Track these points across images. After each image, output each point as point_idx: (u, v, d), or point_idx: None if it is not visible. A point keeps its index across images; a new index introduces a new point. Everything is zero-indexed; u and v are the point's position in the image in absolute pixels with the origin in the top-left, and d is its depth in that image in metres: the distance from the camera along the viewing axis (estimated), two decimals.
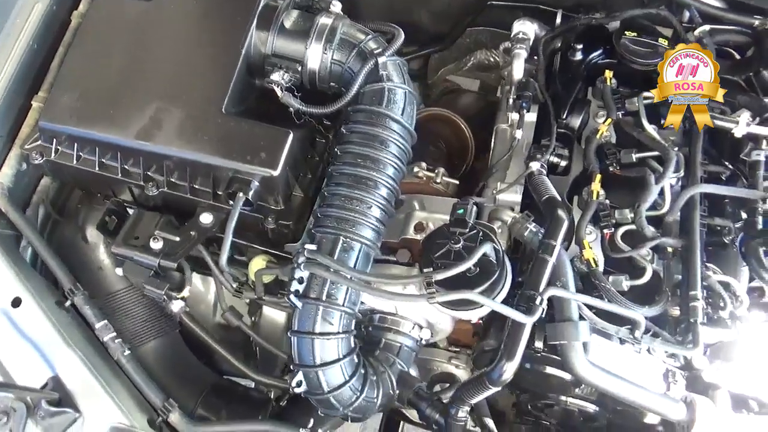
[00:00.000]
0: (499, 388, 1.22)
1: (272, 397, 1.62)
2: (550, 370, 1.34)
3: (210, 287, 1.72)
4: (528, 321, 1.17)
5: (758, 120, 1.47)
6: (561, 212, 1.31)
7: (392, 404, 1.39)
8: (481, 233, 1.26)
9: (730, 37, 1.68)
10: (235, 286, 1.44)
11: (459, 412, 1.28)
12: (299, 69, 1.40)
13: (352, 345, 1.28)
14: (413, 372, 1.57)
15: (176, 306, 1.42)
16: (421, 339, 1.47)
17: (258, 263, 1.43)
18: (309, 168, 1.48)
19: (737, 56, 1.70)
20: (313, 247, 1.25)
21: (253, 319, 1.64)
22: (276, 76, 1.37)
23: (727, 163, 1.53)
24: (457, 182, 1.64)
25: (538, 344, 1.31)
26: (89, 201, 1.58)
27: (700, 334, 1.26)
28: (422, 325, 1.47)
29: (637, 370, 1.32)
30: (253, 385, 1.66)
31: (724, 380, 1.36)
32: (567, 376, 1.35)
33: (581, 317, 1.28)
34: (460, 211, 1.29)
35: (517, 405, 1.73)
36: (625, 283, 1.39)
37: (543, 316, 1.21)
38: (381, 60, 1.36)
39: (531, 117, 1.61)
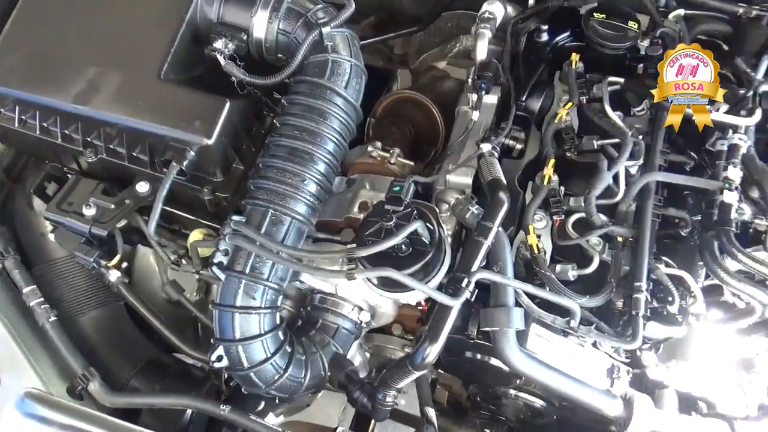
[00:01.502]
0: (423, 372, 1.17)
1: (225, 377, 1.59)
2: (470, 355, 1.29)
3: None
4: (452, 303, 1.12)
5: (727, 108, 1.40)
6: (501, 194, 1.25)
7: (323, 386, 1.35)
8: (415, 212, 1.21)
9: (713, 27, 1.60)
10: (173, 258, 1.41)
11: (385, 396, 1.24)
12: (245, 38, 1.37)
13: (277, 322, 1.24)
14: (358, 357, 1.53)
15: (113, 276, 1.40)
16: (361, 322, 1.42)
17: (195, 236, 1.40)
18: (253, 140, 1.45)
19: (725, 47, 1.62)
20: (240, 218, 1.21)
21: (197, 295, 1.61)
22: (219, 44, 1.34)
23: (693, 154, 1.46)
24: (413, 163, 1.59)
25: (473, 330, 1.26)
26: (38, 167, 1.56)
27: (640, 327, 1.20)
28: (362, 308, 1.42)
29: (578, 363, 1.26)
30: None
31: (672, 379, 1.29)
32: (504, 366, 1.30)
33: (519, 305, 1.23)
34: (396, 188, 1.24)
35: (471, 398, 1.69)
36: (572, 273, 1.32)
37: (472, 299, 1.16)
38: (326, 30, 1.31)
39: (491, 99, 1.55)
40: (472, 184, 1.44)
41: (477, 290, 1.17)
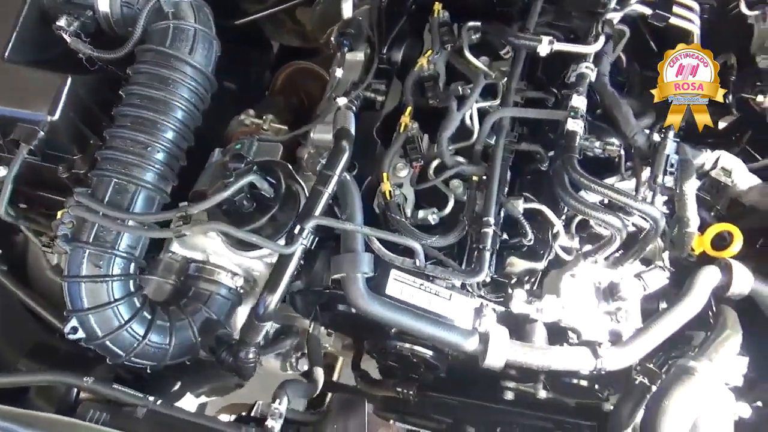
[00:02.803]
0: (269, 323, 1.17)
1: None
2: (342, 307, 1.29)
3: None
4: (285, 251, 1.12)
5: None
6: (343, 143, 1.25)
7: (196, 352, 1.35)
8: (253, 167, 1.21)
9: None
10: (44, 240, 1.42)
11: (247, 354, 1.24)
12: (91, 15, 1.37)
13: (132, 289, 1.24)
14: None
15: None
16: (237, 287, 1.42)
17: (60, 215, 1.40)
18: (110, 116, 1.45)
19: None
20: (82, 189, 1.21)
21: None
22: (62, 22, 1.33)
23: (554, 90, 1.45)
24: (287, 128, 1.59)
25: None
26: None
27: (485, 260, 1.20)
28: (237, 273, 1.42)
29: (440, 304, 1.26)
30: None
31: (535, 313, 1.29)
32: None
33: (370, 251, 1.23)
34: (238, 146, 1.24)
35: (373, 357, 1.69)
36: (432, 216, 1.33)
37: (311, 247, 1.16)
38: None
39: (357, 56, 1.55)
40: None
41: (317, 238, 1.17)
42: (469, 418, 1.81)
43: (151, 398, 1.20)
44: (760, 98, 1.52)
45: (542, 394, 1.51)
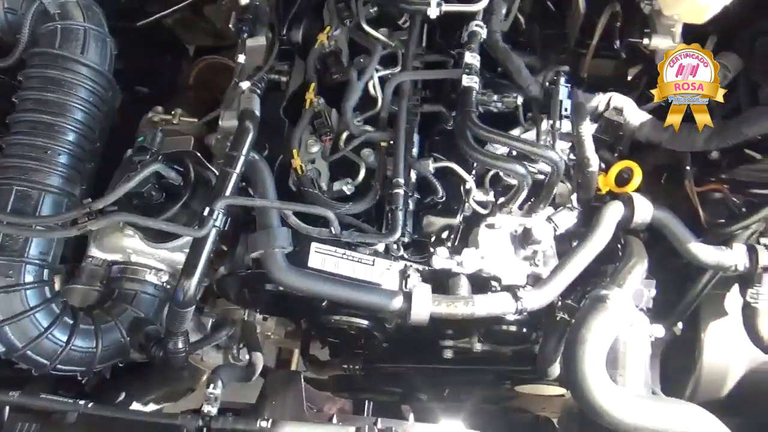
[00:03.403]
0: (190, 308, 1.17)
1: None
2: (269, 287, 1.31)
3: None
4: (196, 235, 1.12)
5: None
6: (246, 123, 1.26)
7: (127, 352, 1.34)
8: (159, 157, 1.20)
9: None
10: None
11: (175, 344, 1.24)
12: None
13: (48, 295, 1.22)
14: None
15: None
16: (164, 283, 1.42)
17: None
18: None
19: None
20: None
21: None
22: None
23: (453, 53, 1.50)
24: (197, 120, 1.58)
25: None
26: None
27: (398, 220, 1.24)
28: (160, 269, 1.41)
29: (364, 270, 1.29)
30: None
31: (456, 266, 1.33)
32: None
33: (286, 225, 1.25)
34: (141, 139, 1.23)
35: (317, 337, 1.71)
36: (347, 186, 1.35)
37: (224, 228, 1.17)
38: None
39: (258, 41, 1.55)
40: None
41: (228, 219, 1.18)
42: (419, 384, 1.86)
43: (82, 402, 1.18)
44: (646, 41, 1.61)
45: (478, 347, 1.57)
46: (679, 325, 1.59)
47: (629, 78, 1.73)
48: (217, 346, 1.64)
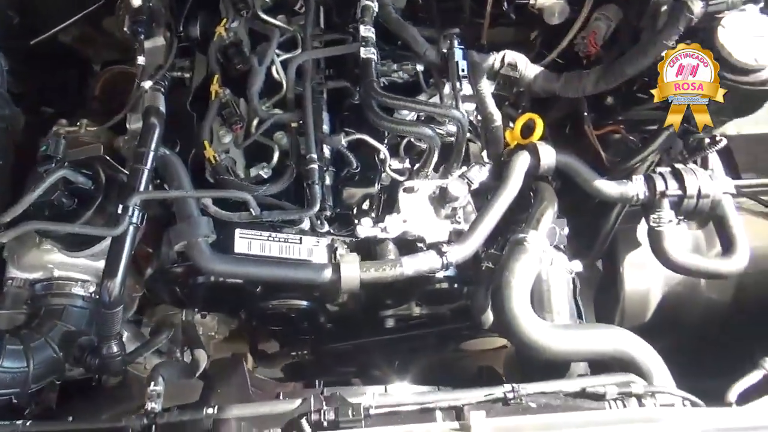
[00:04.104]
0: (118, 308, 1.16)
1: None
2: (201, 279, 1.31)
3: None
4: (112, 233, 1.12)
5: None
6: (152, 119, 1.26)
7: (61, 368, 1.31)
8: (65, 164, 1.19)
9: None
10: None
11: (109, 349, 1.23)
12: None
13: None
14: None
15: None
16: (91, 293, 1.39)
17: None
18: None
19: None
20: None
21: None
22: None
23: (350, 29, 1.54)
24: (106, 126, 1.56)
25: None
26: None
27: (316, 194, 1.27)
28: (86, 280, 1.39)
29: (292, 249, 1.32)
30: None
31: (383, 232, 1.37)
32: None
33: (207, 215, 1.26)
34: (44, 148, 1.21)
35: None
36: (264, 171, 1.38)
37: (140, 225, 1.17)
38: None
39: (157, 42, 1.55)
40: None
41: (145, 215, 1.17)
42: (369, 360, 1.89)
43: (19, 422, 1.15)
44: (532, 1, 1.70)
45: (417, 311, 1.62)
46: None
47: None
48: (160, 352, 1.62)
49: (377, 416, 1.11)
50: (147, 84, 1.39)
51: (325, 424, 1.08)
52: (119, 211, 1.13)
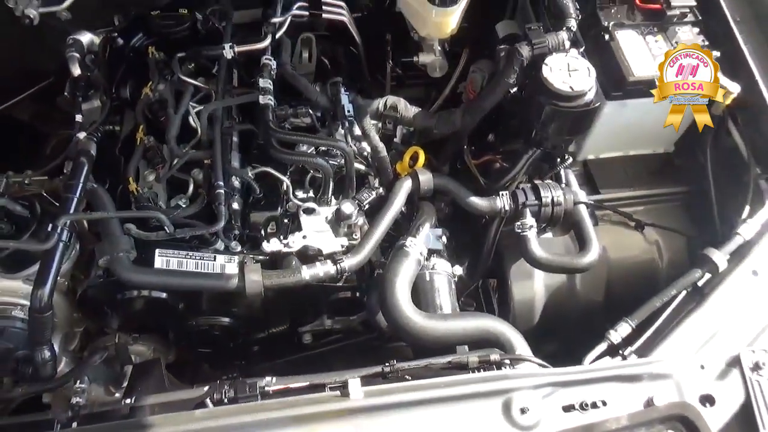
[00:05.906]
0: (48, 313, 1.34)
1: None
2: (128, 295, 1.51)
3: None
4: (42, 247, 1.33)
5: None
6: (81, 158, 1.51)
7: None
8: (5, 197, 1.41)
9: None
10: None
11: (41, 354, 1.39)
12: None
13: None
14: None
15: None
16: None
17: None
18: None
19: None
20: None
21: None
22: None
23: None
24: (43, 171, 1.77)
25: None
26: None
27: (221, 213, 1.50)
28: (26, 304, 1.57)
29: (206, 264, 1.53)
30: None
31: (287, 247, 1.60)
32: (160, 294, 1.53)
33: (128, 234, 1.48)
34: None
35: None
36: (182, 201, 1.61)
37: (68, 241, 1.38)
38: None
39: (93, 103, 1.81)
40: None
41: (73, 234, 1.39)
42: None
43: None
44: (416, 59, 2.05)
45: (328, 323, 1.82)
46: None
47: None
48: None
49: (272, 393, 1.30)
50: (81, 134, 1.64)
51: (226, 401, 1.27)
52: (49, 229, 1.34)
